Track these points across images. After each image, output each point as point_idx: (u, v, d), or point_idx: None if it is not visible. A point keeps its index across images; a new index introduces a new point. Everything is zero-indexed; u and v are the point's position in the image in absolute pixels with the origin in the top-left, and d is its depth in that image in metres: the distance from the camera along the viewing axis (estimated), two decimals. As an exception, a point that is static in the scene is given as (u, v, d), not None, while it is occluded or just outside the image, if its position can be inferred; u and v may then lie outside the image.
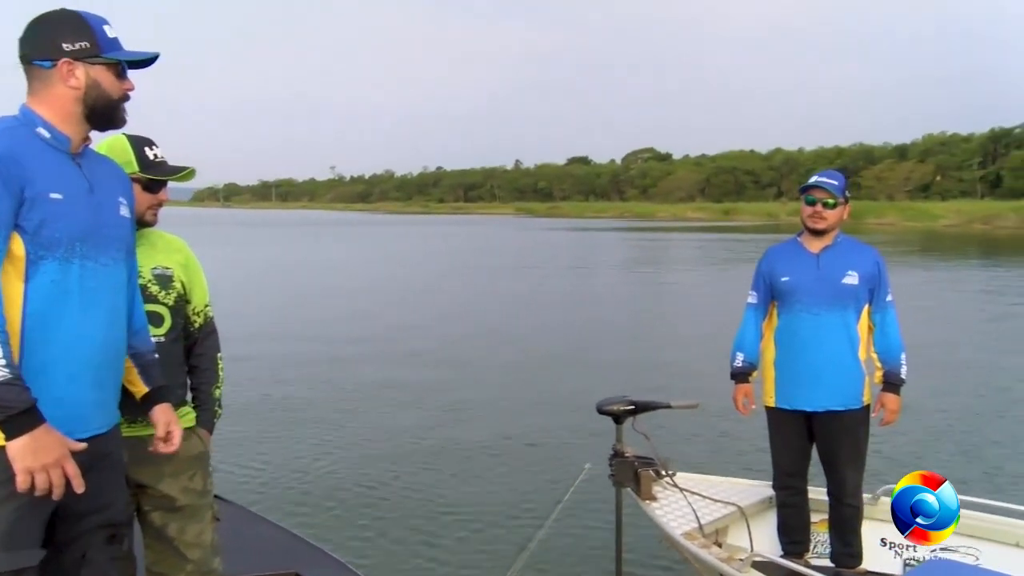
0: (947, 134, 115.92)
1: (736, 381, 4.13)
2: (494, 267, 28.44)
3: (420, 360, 11.51)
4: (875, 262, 3.97)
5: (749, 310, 4.14)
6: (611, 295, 20.18)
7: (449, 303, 18.15)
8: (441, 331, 14.13)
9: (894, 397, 3.95)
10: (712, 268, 27.20)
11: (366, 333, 13.88)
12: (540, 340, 13.17)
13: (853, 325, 3.90)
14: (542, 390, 9.65)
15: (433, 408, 8.84)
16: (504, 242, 47.24)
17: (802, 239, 4.05)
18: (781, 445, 4.04)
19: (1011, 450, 7.31)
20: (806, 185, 3.98)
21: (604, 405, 3.91)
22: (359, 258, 33.62)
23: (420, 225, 76.28)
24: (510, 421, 8.29)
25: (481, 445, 7.51)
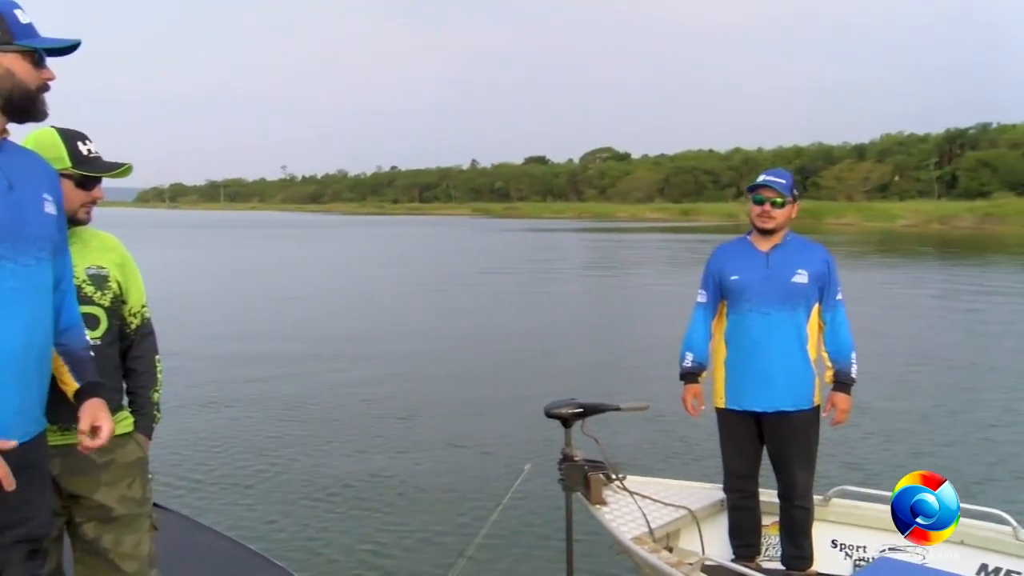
0: (904, 134, 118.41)
1: (685, 382, 4.16)
2: (448, 269, 28.39)
3: (368, 365, 11.46)
4: (824, 260, 4.03)
5: (698, 309, 4.17)
6: (567, 297, 20.26)
7: (401, 307, 18.08)
8: (391, 335, 14.08)
9: (844, 396, 4.00)
10: (670, 269, 27.43)
11: (313, 338, 13.78)
12: (492, 344, 13.18)
13: (803, 324, 3.95)
14: (492, 395, 9.66)
15: (380, 414, 8.80)
16: (459, 243, 47.20)
17: (751, 238, 4.10)
18: (731, 447, 4.08)
19: (962, 450, 7.48)
20: (754, 184, 4.03)
21: (552, 408, 3.92)
22: (310, 260, 33.33)
23: (374, 226, 75.89)
24: (457, 427, 8.28)
25: (428, 452, 7.49)
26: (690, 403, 4.15)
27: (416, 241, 49.51)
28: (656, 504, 4.18)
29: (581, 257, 35.64)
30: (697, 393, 4.15)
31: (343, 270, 28.30)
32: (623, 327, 15.17)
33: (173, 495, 6.12)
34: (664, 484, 4.51)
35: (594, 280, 25.25)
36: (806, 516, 4.01)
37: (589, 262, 32.88)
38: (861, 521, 4.15)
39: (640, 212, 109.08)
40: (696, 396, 4.15)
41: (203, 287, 22.33)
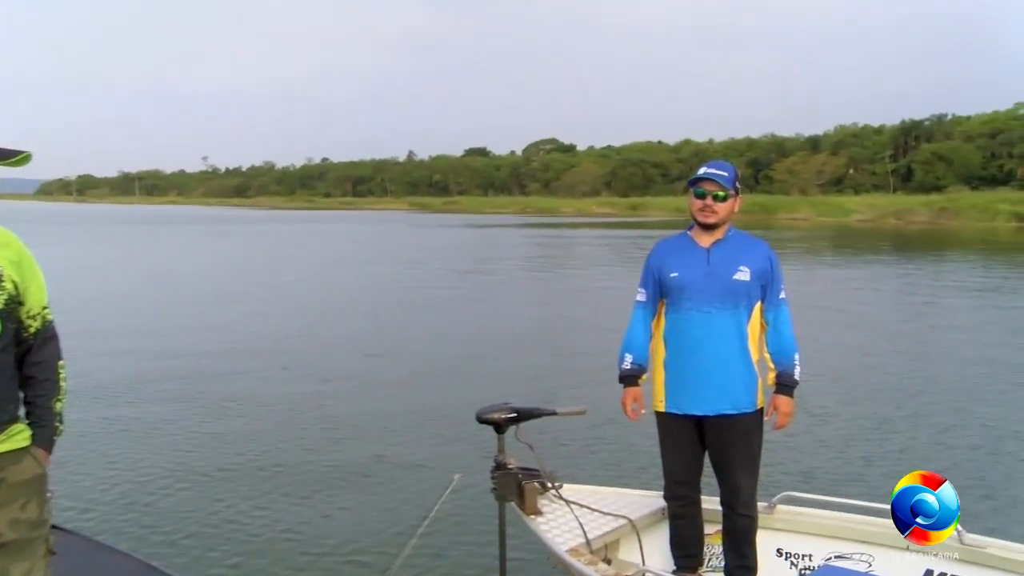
0: (859, 125, 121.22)
1: (624, 384, 4.18)
2: (381, 268, 28.24)
3: (292, 373, 11.28)
4: (767, 257, 4.06)
5: (638, 308, 4.19)
6: (507, 297, 20.30)
7: (329, 309, 17.91)
8: (317, 340, 13.93)
9: (787, 399, 4.04)
10: (616, 266, 27.63)
11: (234, 343, 13.56)
12: (425, 347, 13.14)
13: (744, 324, 3.99)
14: (423, 401, 9.61)
15: (300, 424, 8.68)
16: (395, 240, 46.96)
17: (692, 233, 4.11)
18: (672, 452, 4.11)
19: (912, 454, 7.66)
20: (695, 177, 4.05)
21: (484, 413, 3.94)
22: (231, 258, 32.87)
23: (303, 222, 75.08)
24: (386, 437, 8.22)
25: (352, 463, 7.42)
26: (629, 407, 4.17)
27: (348, 238, 49.14)
28: (594, 513, 4.21)
29: (523, 255, 35.73)
30: (637, 396, 4.17)
31: (267, 269, 27.94)
32: (565, 328, 15.25)
33: (76, 516, 5.98)
34: (603, 492, 4.54)
35: (536, 279, 25.32)
36: (750, 524, 4.05)
37: (531, 260, 32.97)
38: (807, 528, 4.22)
39: (586, 207, 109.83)
40: (636, 399, 4.17)
41: (115, 287, 21.87)
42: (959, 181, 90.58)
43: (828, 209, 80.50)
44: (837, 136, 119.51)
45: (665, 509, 4.27)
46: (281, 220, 79.78)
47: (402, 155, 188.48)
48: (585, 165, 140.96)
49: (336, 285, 22.73)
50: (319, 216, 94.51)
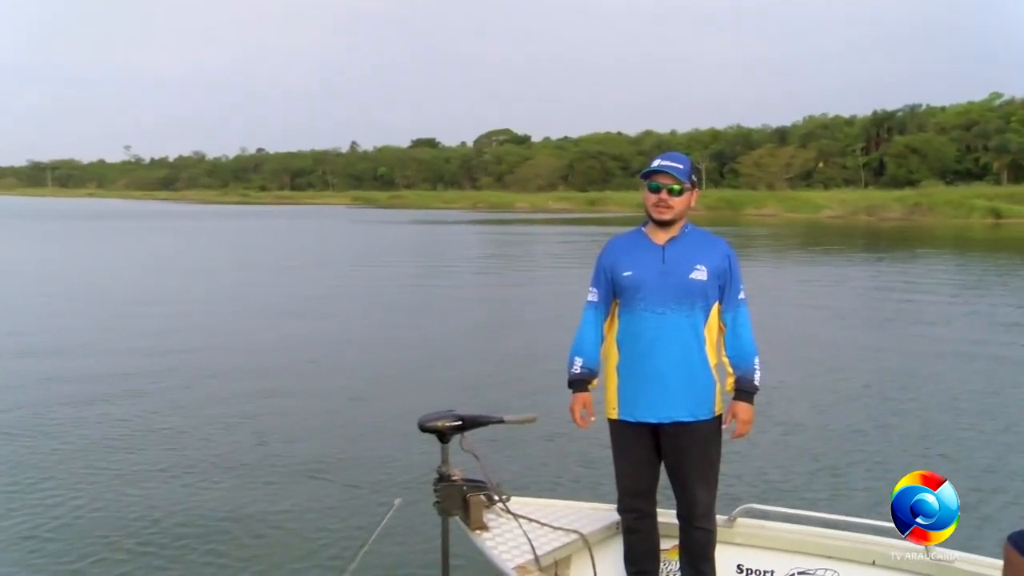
0: (829, 116, 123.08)
1: (574, 390, 4.18)
2: (320, 268, 28.05)
3: (218, 382, 11.12)
4: (725, 255, 4.09)
5: (589, 309, 4.20)
6: (455, 299, 20.28)
7: (263, 312, 17.75)
8: (248, 346, 13.79)
9: (746, 407, 4.06)
10: (572, 265, 27.74)
11: (153, 349, 13.34)
12: (366, 354, 13.09)
13: (701, 326, 4.01)
14: (364, 412, 9.57)
15: (230, 441, 8.55)
16: (336, 237, 46.71)
17: (647, 229, 4.14)
18: (625, 463, 4.12)
19: (880, 463, 7.78)
20: (648, 170, 4.07)
21: (427, 421, 3.93)
22: (158, 257, 32.44)
23: (237, 217, 74.37)
24: (323, 451, 8.16)
25: (287, 480, 7.36)
26: (578, 414, 4.17)
27: (285, 235, 48.76)
28: (544, 528, 4.21)
29: (474, 253, 35.73)
30: (586, 402, 4.17)
31: (195, 269, 27.60)
32: (516, 332, 15.27)
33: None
34: (553, 505, 4.55)
35: (487, 279, 25.34)
36: (708, 538, 4.08)
37: (482, 258, 32.99)
38: (768, 543, 4.27)
39: (541, 202, 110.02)
40: (586, 406, 4.17)
41: (14, 289, 21.48)
42: (933, 175, 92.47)
43: (797, 204, 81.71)
44: (806, 127, 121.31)
45: (619, 523, 4.29)
46: (212, 215, 78.91)
47: (344, 146, 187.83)
48: (540, 157, 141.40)
49: (268, 286, 22.53)
50: (254, 211, 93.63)
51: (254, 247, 38.59)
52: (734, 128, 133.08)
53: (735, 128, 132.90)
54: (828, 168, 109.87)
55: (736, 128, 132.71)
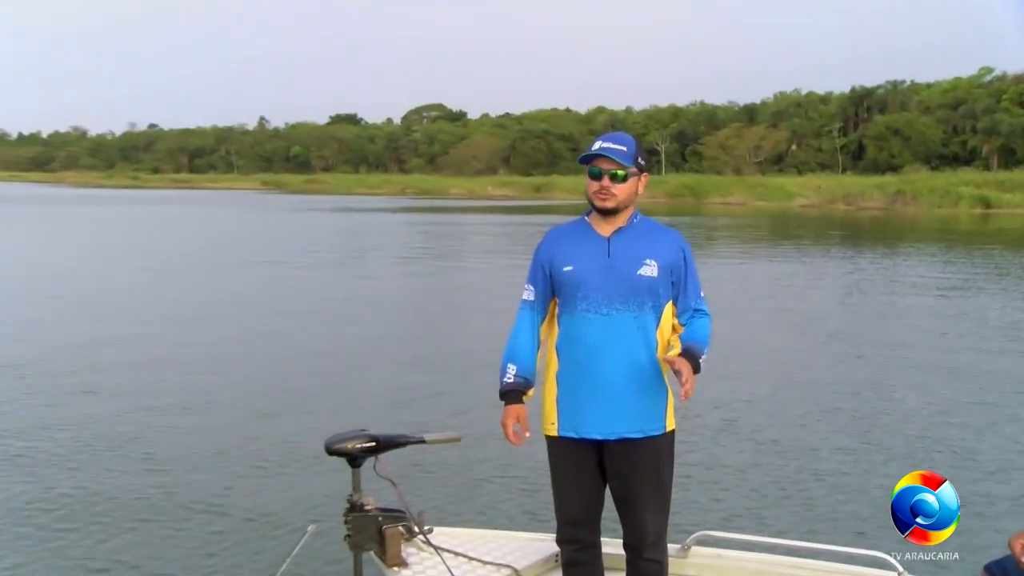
0: (802, 93, 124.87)
1: (506, 402, 4.15)
2: (221, 263, 27.77)
3: (93, 401, 10.84)
4: (679, 248, 4.10)
5: (524, 309, 4.19)
6: (376, 299, 20.20)
7: (151, 318, 17.45)
8: (136, 358, 13.53)
9: (688, 364, 3.96)
10: (513, 261, 27.77)
11: (24, 361, 13.05)
12: (272, 365, 12.94)
13: (651, 328, 4.02)
14: (269, 433, 9.43)
15: (115, 469, 8.37)
16: (241, 227, 46.23)
17: (591, 219, 4.14)
18: (565, 485, 4.11)
19: (847, 485, 7.89)
20: (587, 154, 4.05)
21: (335, 443, 3.88)
22: (27, 252, 31.88)
23: (125, 204, 73.30)
24: (222, 476, 8.08)
25: (180, 511, 7.27)
26: (511, 429, 4.11)
27: (181, 224, 48.15)
28: (471, 563, 4.21)
29: (401, 245, 35.61)
30: (521, 416, 4.13)
31: (74, 267, 27.14)
32: (444, 338, 15.24)
33: None
34: (482, 537, 4.54)
35: (414, 277, 25.28)
36: (658, 570, 4.09)
37: (410, 253, 32.89)
38: (727, 573, 4.31)
39: (479, 187, 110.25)
40: (520, 420, 4.12)
41: None
42: (916, 160, 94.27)
43: (767, 192, 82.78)
44: (777, 105, 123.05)
45: (558, 555, 4.29)
46: (95, 201, 77.55)
47: (252, 122, 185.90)
48: (478, 137, 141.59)
49: (153, 287, 22.22)
50: (146, 196, 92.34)
51: (140, 239, 38.04)
52: (697, 105, 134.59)
53: (698, 105, 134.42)
54: (801, 151, 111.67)
55: (699, 105, 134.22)
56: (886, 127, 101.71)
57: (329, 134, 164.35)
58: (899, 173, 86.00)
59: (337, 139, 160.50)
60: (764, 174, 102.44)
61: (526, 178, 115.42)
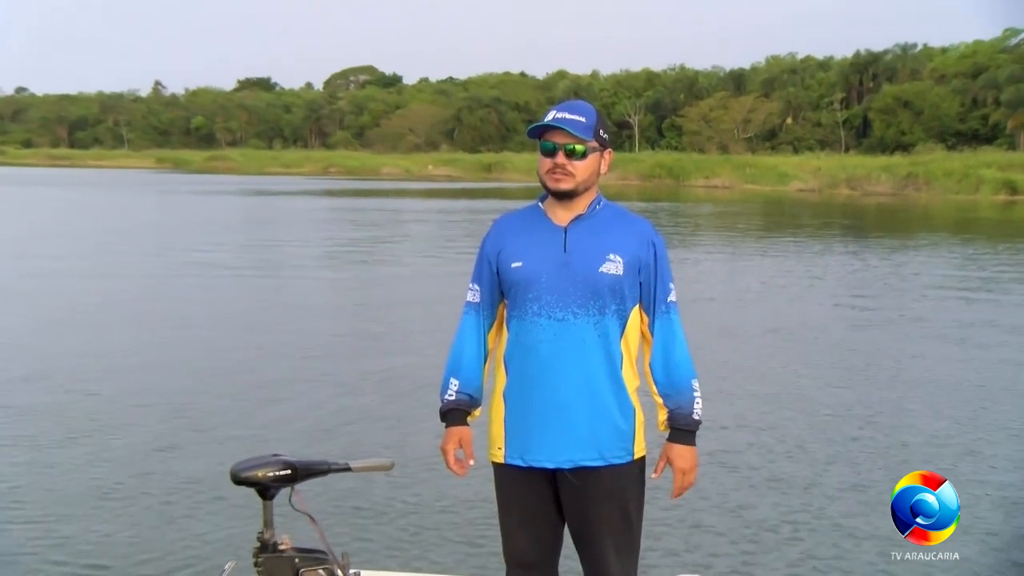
0: (798, 58, 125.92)
1: (447, 423, 4.17)
2: (102, 260, 27.49)
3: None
4: (648, 241, 4.09)
5: (468, 313, 4.20)
6: (293, 304, 20.06)
7: (10, 323, 17.26)
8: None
9: (687, 450, 4.08)
10: (459, 256, 27.77)
11: None
12: (171, 379, 12.80)
13: (615, 336, 4.02)
14: (162, 465, 9.27)
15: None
16: (130, 214, 45.77)
17: (545, 206, 4.14)
18: (515, 522, 4.13)
19: (849, 523, 7.96)
20: (538, 125, 4.04)
21: (244, 470, 3.87)
22: None
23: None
24: (104, 513, 7.97)
25: (63, 549, 7.20)
26: (452, 455, 4.14)
27: (56, 210, 47.59)
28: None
29: (322, 238, 35.38)
30: (464, 440, 4.16)
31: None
32: (375, 350, 15.13)
33: None
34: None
35: (337, 278, 25.10)
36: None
37: (334, 247, 32.70)
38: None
39: (417, 166, 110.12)
40: (463, 444, 4.15)
41: None
42: (931, 137, 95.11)
43: (758, 173, 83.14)
44: (769, 72, 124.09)
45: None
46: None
47: (144, 87, 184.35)
48: (415, 106, 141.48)
49: (17, 285, 21.98)
50: (14, 176, 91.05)
51: (24, 227, 37.59)
52: (675, 70, 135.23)
53: (676, 70, 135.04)
54: (797, 126, 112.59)
55: (678, 70, 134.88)
56: (895, 99, 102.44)
57: (237, 102, 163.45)
58: (910, 153, 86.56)
59: (247, 108, 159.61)
60: (754, 152, 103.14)
61: (473, 155, 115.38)
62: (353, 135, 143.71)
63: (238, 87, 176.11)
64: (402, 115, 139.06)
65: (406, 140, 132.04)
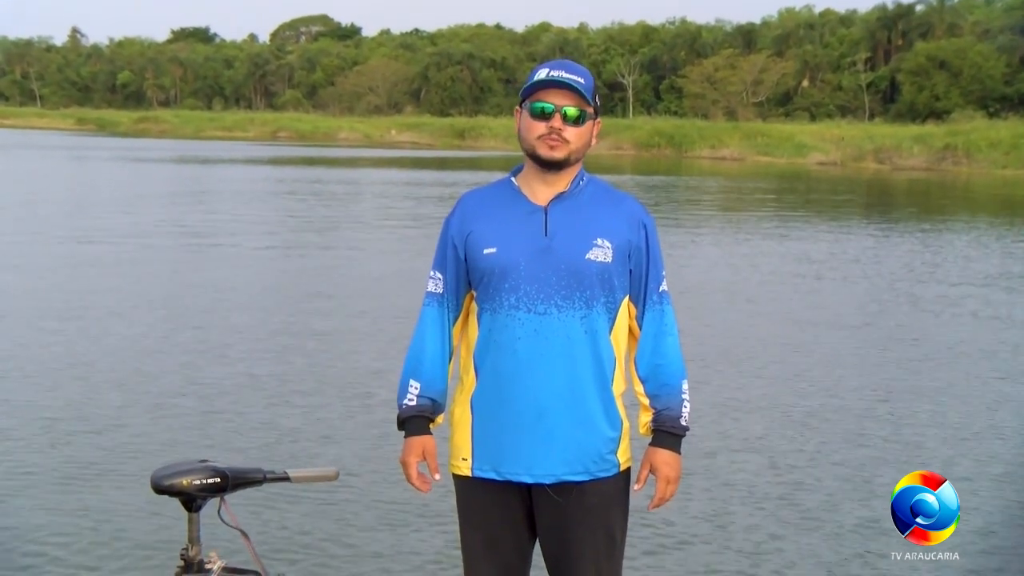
0: (815, 11, 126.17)
1: (407, 432, 4.17)
2: (14, 240, 27.44)
3: None
4: (639, 223, 4.10)
5: (430, 305, 4.19)
6: (233, 288, 20.00)
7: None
8: None
9: (671, 455, 4.10)
10: (424, 237, 27.79)
11: None
12: (73, 383, 12.76)
13: (602, 332, 4.02)
14: (78, 461, 9.34)
15: None
16: (40, 182, 45.59)
17: (519, 181, 4.13)
18: (480, 543, 4.14)
19: (860, 548, 8.00)
20: (536, 82, 3.99)
21: (165, 478, 3.87)
22: None
23: None
24: (21, 520, 8.00)
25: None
26: (414, 468, 4.14)
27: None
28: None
29: (267, 214, 35.33)
30: (428, 450, 4.15)
31: None
32: (325, 345, 15.11)
33: None
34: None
35: (283, 259, 25.07)
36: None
37: (280, 225, 32.65)
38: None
39: (378, 131, 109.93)
40: (426, 455, 4.15)
41: None
42: (970, 103, 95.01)
43: (771, 143, 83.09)
44: (782, 27, 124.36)
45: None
46: None
47: (60, 36, 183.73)
48: (375, 62, 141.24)
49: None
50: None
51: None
52: (675, 24, 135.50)
53: (677, 24, 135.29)
54: (815, 89, 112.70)
55: (678, 24, 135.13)
56: (928, 58, 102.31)
57: (170, 56, 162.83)
58: (946, 121, 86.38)
59: (181, 62, 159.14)
60: (765, 119, 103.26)
61: (443, 119, 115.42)
62: (304, 95, 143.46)
63: (171, 38, 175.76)
64: (360, 72, 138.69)
65: (365, 101, 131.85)
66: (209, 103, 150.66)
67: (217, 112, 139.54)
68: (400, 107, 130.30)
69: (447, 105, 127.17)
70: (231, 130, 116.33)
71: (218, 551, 3.92)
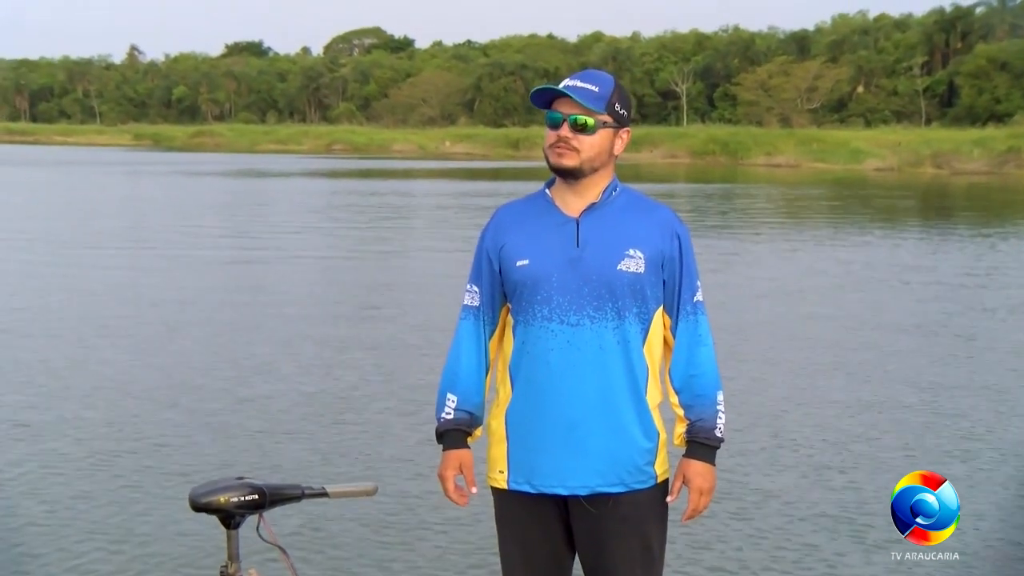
0: (870, 16, 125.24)
1: (445, 445, 4.17)
2: (60, 247, 27.62)
3: None
4: (672, 232, 4.08)
5: (467, 319, 4.20)
6: (280, 306, 20.05)
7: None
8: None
9: (705, 467, 4.08)
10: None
11: None
12: (116, 396, 12.81)
13: (636, 344, 4.01)
14: (120, 476, 9.35)
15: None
16: (98, 197, 45.90)
17: (553, 192, 4.14)
18: (517, 555, 4.14)
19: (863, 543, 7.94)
20: (540, 88, 4.06)
21: (204, 495, 3.87)
22: None
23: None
24: (46, 542, 8.02)
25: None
26: (451, 482, 4.14)
27: (10, 192, 47.78)
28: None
29: (320, 226, 35.44)
30: (465, 464, 4.14)
31: None
32: (368, 358, 15.07)
33: None
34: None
35: (334, 270, 25.12)
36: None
37: (334, 236, 32.74)
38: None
39: (432, 142, 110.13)
40: (464, 469, 4.14)
41: None
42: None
43: (826, 150, 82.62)
44: (836, 33, 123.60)
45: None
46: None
47: (118, 54, 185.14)
48: (429, 73, 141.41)
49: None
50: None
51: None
52: (729, 32, 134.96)
53: (730, 32, 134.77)
54: (870, 95, 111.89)
55: (732, 32, 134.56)
56: (989, 60, 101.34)
57: (225, 70, 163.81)
58: (1007, 124, 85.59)
59: (235, 76, 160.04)
60: (820, 125, 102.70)
61: (496, 130, 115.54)
62: (357, 107, 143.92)
63: (225, 53, 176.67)
64: (413, 84, 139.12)
65: (418, 112, 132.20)
66: (263, 117, 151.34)
67: (271, 125, 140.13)
68: (453, 118, 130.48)
69: (500, 116, 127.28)
70: (285, 143, 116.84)
71: (257, 568, 3.93)
